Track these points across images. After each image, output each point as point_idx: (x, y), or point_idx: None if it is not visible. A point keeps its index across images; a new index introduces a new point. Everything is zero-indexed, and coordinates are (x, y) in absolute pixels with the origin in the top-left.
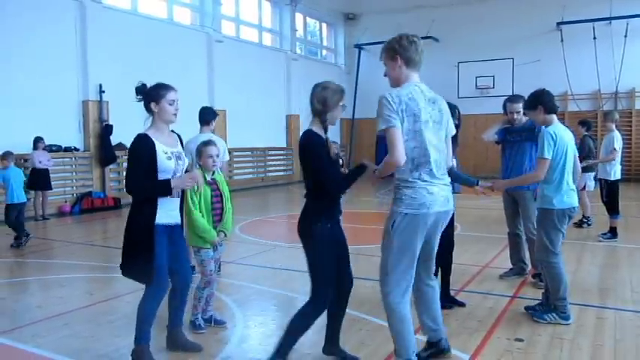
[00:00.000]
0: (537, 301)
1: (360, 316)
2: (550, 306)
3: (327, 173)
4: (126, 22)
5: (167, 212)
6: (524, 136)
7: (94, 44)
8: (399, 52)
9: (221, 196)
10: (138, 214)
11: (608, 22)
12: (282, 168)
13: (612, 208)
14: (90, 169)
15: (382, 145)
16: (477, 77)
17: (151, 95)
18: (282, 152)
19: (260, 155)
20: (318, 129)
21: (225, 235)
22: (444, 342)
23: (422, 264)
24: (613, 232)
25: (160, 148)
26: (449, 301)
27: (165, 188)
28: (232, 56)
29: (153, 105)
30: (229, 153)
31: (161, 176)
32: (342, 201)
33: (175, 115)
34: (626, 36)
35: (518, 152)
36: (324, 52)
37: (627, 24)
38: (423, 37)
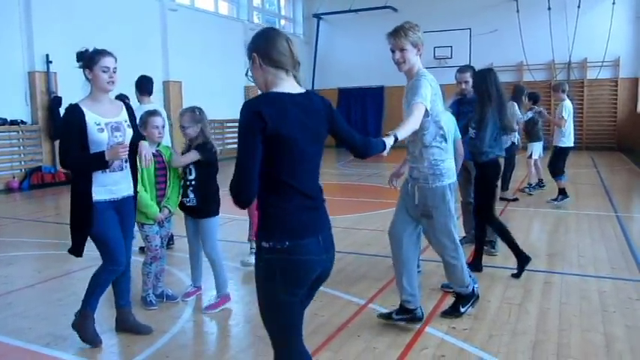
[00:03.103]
0: (489, 267)
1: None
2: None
3: None
4: None
5: (107, 188)
6: (474, 106)
7: (40, 13)
8: (421, 40)
9: (166, 169)
10: (75, 190)
11: None
12: None
13: (554, 171)
14: (39, 142)
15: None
16: (435, 47)
17: (85, 61)
18: None
19: (218, 127)
20: None
21: (170, 212)
22: (419, 310)
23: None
24: (563, 193)
25: (91, 118)
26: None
27: (98, 161)
28: (187, 25)
29: (87, 72)
30: None
31: (94, 149)
32: None
33: (110, 83)
34: (579, 6)
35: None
36: (283, 21)
37: None
38: (381, 7)
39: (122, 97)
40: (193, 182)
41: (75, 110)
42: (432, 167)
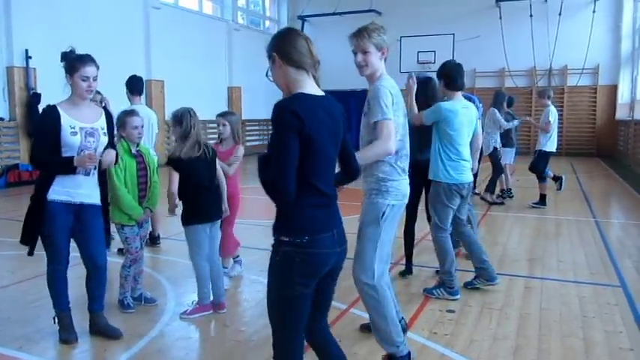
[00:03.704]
0: (470, 272)
1: None
2: (439, 281)
3: None
4: None
5: (66, 190)
6: None
7: (20, 7)
8: (386, 44)
9: (147, 169)
10: (36, 187)
11: (544, 0)
12: None
13: (538, 174)
14: (16, 139)
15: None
16: (418, 52)
17: (67, 66)
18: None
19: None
20: None
21: (152, 212)
22: (402, 322)
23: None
24: (541, 198)
25: (66, 121)
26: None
27: (66, 166)
28: (170, 24)
29: (68, 77)
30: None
31: (66, 151)
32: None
33: (88, 91)
34: (560, 14)
35: None
36: (267, 22)
37: (562, 2)
38: (365, 11)
39: (97, 94)
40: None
41: (51, 112)
42: (377, 182)
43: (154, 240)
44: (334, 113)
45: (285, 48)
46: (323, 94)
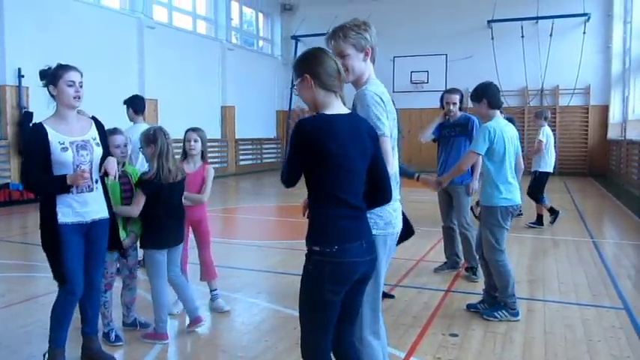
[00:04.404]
0: (471, 294)
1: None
2: (500, 303)
3: None
4: (48, 4)
5: (73, 210)
6: (457, 130)
7: (13, 26)
8: (372, 42)
9: (132, 190)
10: (42, 211)
11: (535, 21)
12: (216, 160)
13: (535, 197)
14: (7, 159)
15: None
16: (411, 72)
17: (48, 77)
18: (216, 144)
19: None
20: None
21: (137, 236)
22: None
23: None
24: (538, 219)
25: (54, 138)
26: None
27: (59, 185)
28: (165, 44)
29: (52, 88)
30: None
31: (60, 169)
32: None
33: (76, 98)
34: (551, 35)
35: (453, 147)
36: (261, 42)
37: (552, 24)
38: None
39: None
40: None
41: (38, 130)
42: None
43: None
44: (359, 129)
45: (317, 70)
46: (348, 111)
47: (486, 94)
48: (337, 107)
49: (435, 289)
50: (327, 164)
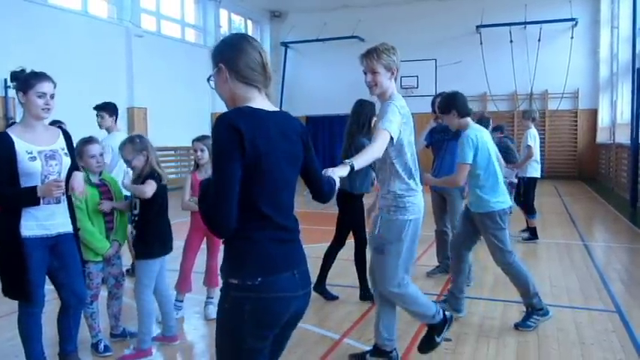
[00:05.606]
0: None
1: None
2: (527, 308)
3: None
4: (35, 13)
5: (38, 222)
6: (450, 134)
7: None
8: (397, 64)
9: (112, 200)
10: (2, 225)
11: (524, 26)
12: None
13: (528, 207)
14: None
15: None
16: (401, 77)
17: (19, 83)
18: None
19: (184, 154)
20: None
21: (120, 245)
22: (395, 353)
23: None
24: (532, 232)
25: (22, 147)
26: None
27: (29, 197)
28: (153, 52)
29: (21, 95)
30: None
31: (26, 180)
32: None
33: (45, 110)
34: (539, 40)
35: (447, 152)
36: None
37: (540, 29)
38: (349, 37)
39: (57, 123)
40: (136, 218)
41: (3, 139)
42: (395, 199)
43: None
44: (289, 130)
45: (234, 61)
46: (276, 109)
47: (455, 105)
48: (261, 104)
49: (428, 293)
50: (252, 169)
